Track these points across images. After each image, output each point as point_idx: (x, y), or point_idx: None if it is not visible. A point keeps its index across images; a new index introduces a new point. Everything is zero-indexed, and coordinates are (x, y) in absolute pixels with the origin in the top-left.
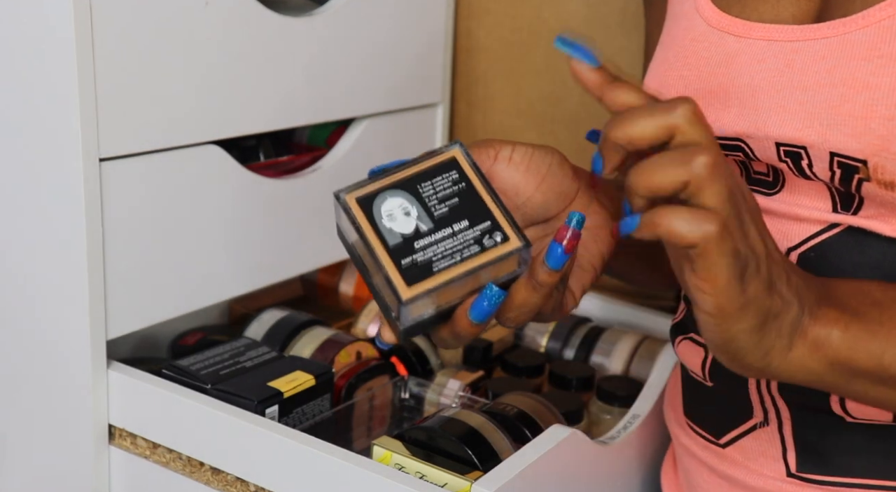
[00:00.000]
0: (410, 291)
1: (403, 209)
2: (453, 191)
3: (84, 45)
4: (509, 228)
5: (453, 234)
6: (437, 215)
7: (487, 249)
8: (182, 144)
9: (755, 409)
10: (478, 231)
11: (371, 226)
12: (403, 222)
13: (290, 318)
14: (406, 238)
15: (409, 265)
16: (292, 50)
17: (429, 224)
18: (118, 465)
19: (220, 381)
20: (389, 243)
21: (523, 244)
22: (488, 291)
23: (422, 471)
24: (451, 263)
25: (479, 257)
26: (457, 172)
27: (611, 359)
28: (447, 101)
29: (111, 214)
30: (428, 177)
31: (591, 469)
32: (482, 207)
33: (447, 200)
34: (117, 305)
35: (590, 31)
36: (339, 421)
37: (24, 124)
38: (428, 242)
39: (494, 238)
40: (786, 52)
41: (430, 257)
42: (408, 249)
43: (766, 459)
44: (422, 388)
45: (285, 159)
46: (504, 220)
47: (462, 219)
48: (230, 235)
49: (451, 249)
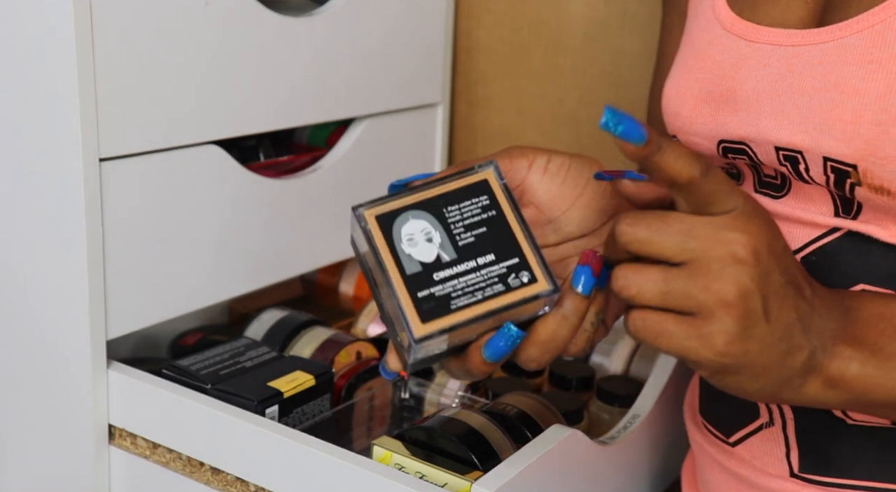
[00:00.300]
0: (424, 329)
1: (426, 234)
2: (481, 219)
3: (84, 45)
4: (538, 268)
5: (477, 268)
6: (462, 244)
7: (512, 290)
8: (182, 144)
9: (761, 409)
10: (504, 268)
11: (389, 249)
12: (425, 249)
13: (290, 318)
14: (426, 267)
15: (425, 299)
16: (292, 50)
17: (452, 254)
18: (118, 465)
19: (220, 381)
20: (407, 271)
21: (552, 288)
22: (506, 331)
23: (422, 471)
24: (472, 302)
25: (502, 298)
26: (487, 198)
27: (611, 359)
28: (447, 101)
29: (111, 214)
30: (456, 199)
31: (591, 469)
32: (511, 241)
33: (474, 229)
34: (117, 304)
35: (590, 31)
36: (339, 421)
37: (25, 124)
38: (449, 275)
39: (521, 278)
40: (788, 56)
41: (448, 293)
42: (426, 281)
43: (771, 458)
44: (422, 388)
45: (285, 159)
46: (533, 257)
47: (488, 252)
48: (230, 235)
49: (473, 285)
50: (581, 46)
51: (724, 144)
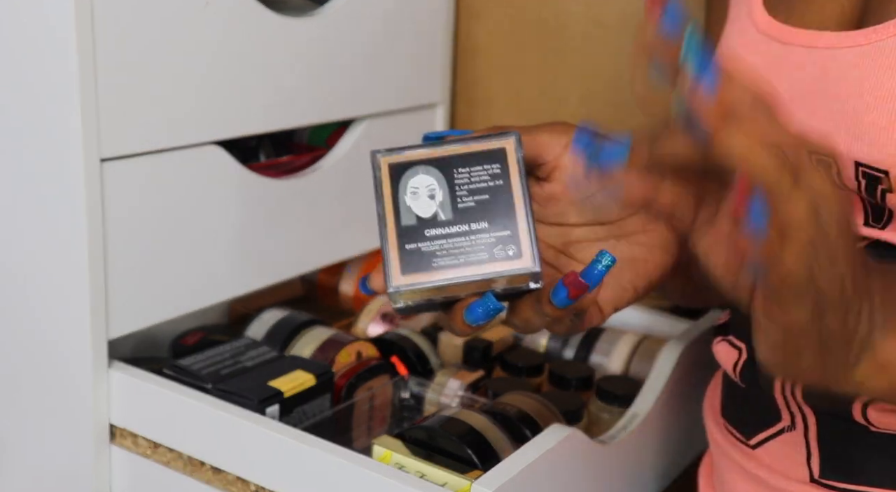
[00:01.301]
0: (401, 280)
1: (430, 190)
2: (487, 186)
3: (85, 45)
4: (527, 245)
5: (469, 232)
6: (461, 207)
7: (495, 260)
8: (183, 144)
9: (783, 413)
10: (493, 237)
11: (392, 198)
12: (425, 204)
13: (291, 318)
14: (421, 222)
15: (411, 251)
16: (292, 50)
17: (449, 214)
18: (119, 464)
19: (221, 380)
20: (402, 222)
21: (533, 267)
22: (486, 300)
23: (422, 470)
24: (453, 263)
25: (483, 266)
26: (499, 167)
27: (610, 359)
28: (447, 101)
29: (112, 215)
30: (469, 162)
31: (591, 469)
32: (509, 213)
33: (477, 194)
34: (118, 304)
35: (590, 31)
36: (339, 421)
37: (26, 125)
38: (440, 233)
39: (507, 251)
40: (823, 59)
41: (434, 250)
42: (417, 235)
43: (790, 462)
44: (422, 387)
45: (285, 159)
46: (525, 234)
47: (484, 219)
48: (231, 235)
49: (460, 248)
50: (581, 46)
51: None
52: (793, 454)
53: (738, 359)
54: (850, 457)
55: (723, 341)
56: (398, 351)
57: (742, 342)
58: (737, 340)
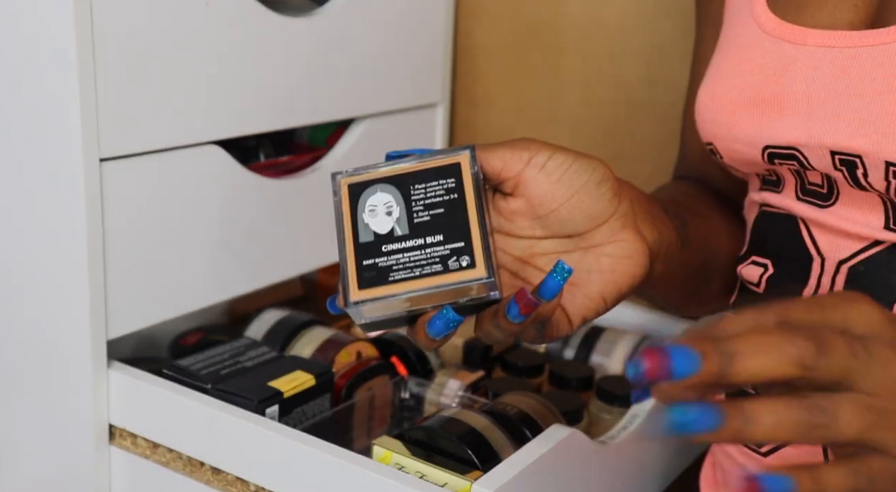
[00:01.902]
0: (358, 294)
1: (387, 207)
2: (443, 200)
3: (84, 45)
4: (480, 255)
5: (424, 246)
6: (417, 222)
7: (449, 272)
8: (182, 144)
9: None
10: (447, 249)
11: (351, 216)
12: (382, 221)
13: (291, 318)
14: (378, 238)
15: (368, 267)
16: (292, 50)
17: (405, 229)
18: (119, 465)
19: (221, 381)
20: (361, 239)
21: (487, 276)
22: (445, 313)
23: (422, 471)
24: (408, 277)
25: (437, 277)
26: (454, 181)
27: (611, 359)
28: (447, 101)
29: (111, 214)
30: (425, 178)
31: (591, 469)
32: (463, 225)
33: (433, 208)
34: (118, 304)
35: (589, 31)
36: (339, 421)
37: (25, 125)
38: (396, 248)
39: (461, 262)
40: (843, 58)
41: (391, 265)
42: (374, 251)
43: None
44: (422, 388)
45: (285, 159)
46: (479, 245)
47: (438, 232)
48: (230, 235)
49: (415, 261)
50: (581, 46)
51: (771, 150)
52: (808, 459)
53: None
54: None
55: None
56: (398, 351)
57: None
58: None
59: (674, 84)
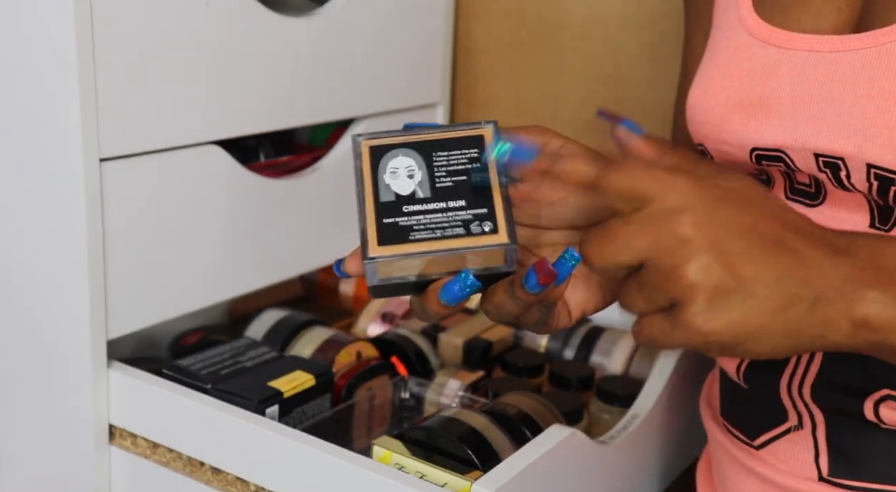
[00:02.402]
0: (378, 250)
1: (409, 170)
2: (465, 168)
3: (84, 45)
4: (502, 222)
5: (446, 209)
6: (439, 186)
7: (471, 235)
8: (182, 144)
9: (790, 413)
10: (469, 214)
11: (372, 176)
12: (404, 183)
13: (291, 318)
14: (399, 199)
15: (388, 225)
16: (292, 50)
17: (427, 193)
18: (119, 465)
19: (221, 381)
20: (381, 199)
21: (510, 242)
22: (463, 277)
23: (422, 471)
24: (430, 237)
25: (459, 240)
26: (477, 151)
27: (611, 359)
28: (447, 102)
29: (112, 214)
30: (448, 147)
31: (591, 469)
32: (486, 193)
33: (455, 176)
34: (118, 304)
35: (590, 31)
36: (339, 421)
37: (25, 125)
38: (417, 210)
39: (483, 226)
40: (826, 62)
41: (412, 224)
42: (395, 210)
43: (798, 462)
44: (422, 388)
45: (285, 159)
46: (501, 212)
47: (461, 198)
48: (230, 235)
49: (437, 223)
50: (581, 46)
51: (758, 152)
52: (800, 453)
53: (742, 362)
54: (859, 455)
55: None
56: (398, 351)
57: None
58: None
59: (674, 84)
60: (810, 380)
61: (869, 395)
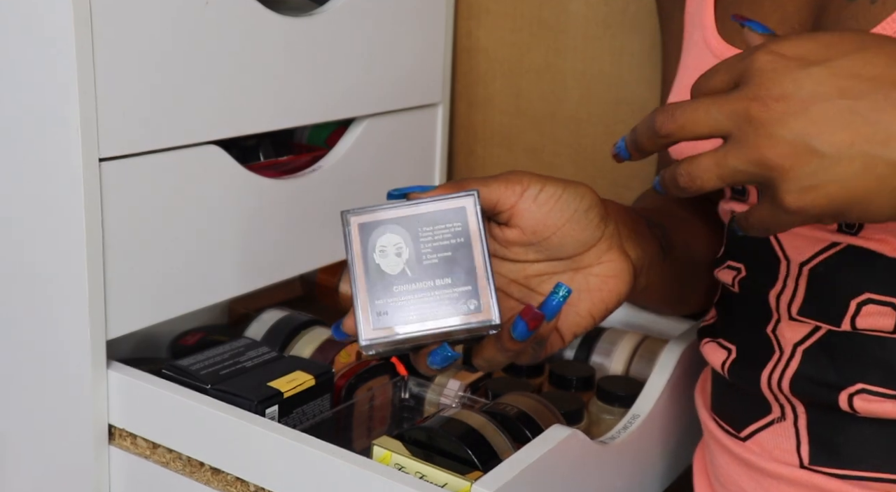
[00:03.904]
0: (371, 334)
1: (397, 248)
2: (450, 243)
3: (84, 44)
4: (487, 300)
5: (433, 287)
6: (426, 263)
7: (458, 314)
8: (182, 143)
9: (773, 405)
10: (456, 293)
11: (362, 256)
12: (393, 262)
13: (290, 318)
14: (388, 279)
15: (380, 308)
16: (292, 50)
17: (415, 271)
18: (118, 465)
19: (220, 381)
20: (372, 279)
21: (494, 320)
22: (443, 350)
23: (422, 471)
24: (419, 318)
25: (447, 320)
26: (460, 225)
27: (611, 359)
28: (447, 101)
29: (111, 214)
30: (432, 221)
31: (592, 469)
32: (470, 269)
33: (441, 252)
34: (117, 304)
35: (590, 31)
36: (339, 421)
37: (24, 125)
38: (406, 290)
39: (468, 305)
40: None
41: (401, 306)
42: (385, 291)
43: (781, 451)
44: (422, 388)
45: (285, 159)
46: (486, 289)
47: (447, 275)
48: (230, 235)
49: (425, 303)
50: (581, 46)
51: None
52: (783, 443)
53: (727, 358)
54: (837, 444)
55: (711, 342)
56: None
57: (731, 344)
58: (726, 342)
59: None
60: (789, 375)
61: (844, 388)
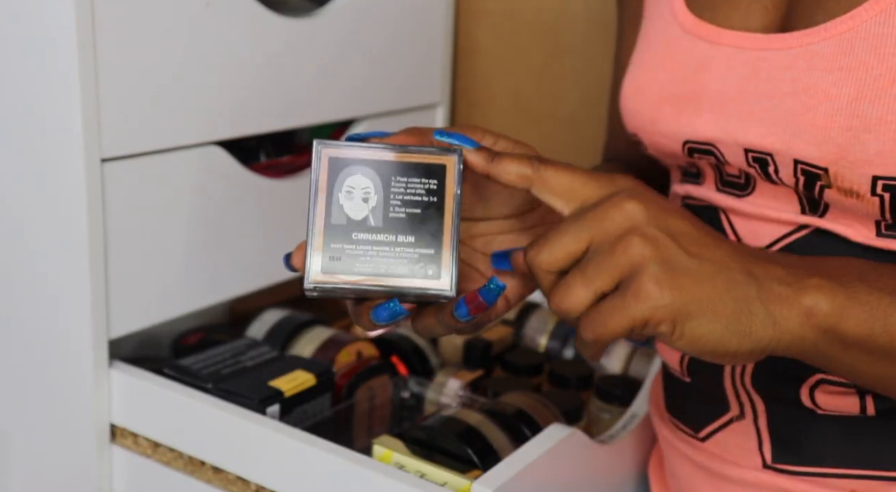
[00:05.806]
0: (320, 277)
1: (364, 192)
2: (421, 201)
3: (86, 45)
4: (447, 269)
5: (394, 243)
6: (392, 216)
7: (414, 277)
8: (183, 144)
9: (731, 403)
10: (416, 254)
11: (327, 191)
12: (358, 206)
13: (291, 317)
14: (350, 223)
15: (334, 252)
16: (293, 51)
17: (379, 221)
18: (120, 464)
19: (222, 380)
20: (332, 220)
21: (448, 291)
22: (392, 305)
23: (422, 470)
24: (373, 272)
25: (401, 280)
26: (436, 183)
27: (610, 358)
28: (447, 101)
29: (113, 215)
30: (408, 172)
31: (591, 468)
32: (436, 232)
33: (409, 206)
34: (119, 304)
35: (590, 31)
36: (339, 420)
37: (27, 125)
38: (366, 239)
39: (427, 270)
40: (753, 60)
41: (357, 255)
42: (343, 236)
43: (742, 451)
44: (422, 387)
45: (286, 160)
46: (448, 258)
47: (411, 233)
48: (231, 235)
49: (382, 257)
50: (581, 46)
51: (690, 145)
52: (744, 443)
53: (686, 355)
54: (800, 441)
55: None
56: (398, 351)
57: None
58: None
59: None
60: (750, 369)
61: (805, 380)
